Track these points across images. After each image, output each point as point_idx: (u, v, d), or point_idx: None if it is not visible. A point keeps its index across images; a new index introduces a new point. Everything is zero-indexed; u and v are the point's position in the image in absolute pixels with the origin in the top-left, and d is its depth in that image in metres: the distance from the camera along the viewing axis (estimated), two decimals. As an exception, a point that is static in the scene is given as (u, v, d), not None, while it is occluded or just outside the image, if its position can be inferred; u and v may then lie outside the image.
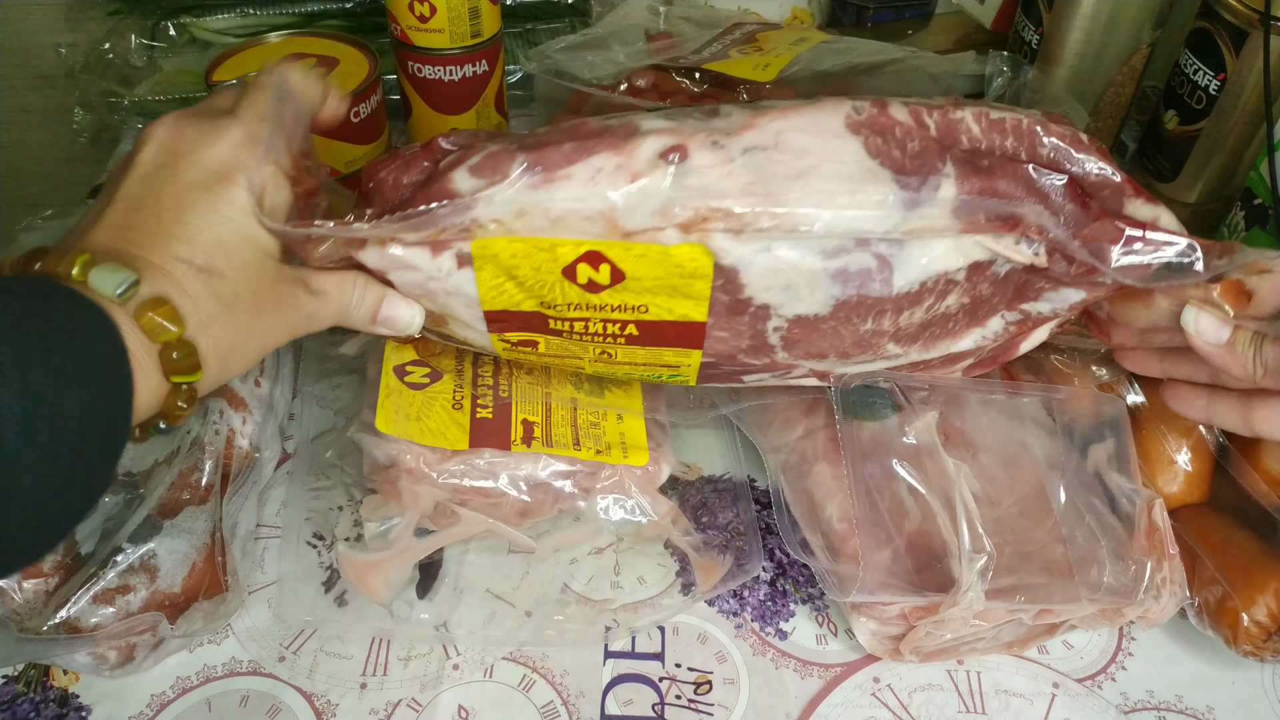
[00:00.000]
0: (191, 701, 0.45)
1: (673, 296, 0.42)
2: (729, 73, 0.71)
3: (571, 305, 0.43)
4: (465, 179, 0.39)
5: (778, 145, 0.39)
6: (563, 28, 0.84)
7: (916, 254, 0.41)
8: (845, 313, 0.43)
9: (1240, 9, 0.63)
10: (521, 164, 0.39)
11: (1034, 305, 0.45)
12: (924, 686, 0.47)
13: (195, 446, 0.48)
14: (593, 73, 0.71)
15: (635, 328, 0.44)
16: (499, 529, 0.48)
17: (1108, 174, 0.42)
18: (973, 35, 0.86)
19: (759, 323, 0.43)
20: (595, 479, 0.48)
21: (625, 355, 0.46)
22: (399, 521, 0.47)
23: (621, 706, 0.46)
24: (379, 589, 0.47)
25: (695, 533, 0.51)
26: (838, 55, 0.72)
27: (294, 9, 0.81)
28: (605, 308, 0.43)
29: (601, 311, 0.43)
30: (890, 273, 0.42)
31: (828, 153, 0.39)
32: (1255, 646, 0.45)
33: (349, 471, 0.52)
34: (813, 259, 0.41)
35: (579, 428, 0.49)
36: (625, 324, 0.44)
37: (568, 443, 0.48)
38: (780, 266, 0.41)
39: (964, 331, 0.46)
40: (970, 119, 0.41)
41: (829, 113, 0.40)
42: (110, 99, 0.76)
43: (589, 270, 0.41)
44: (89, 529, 0.46)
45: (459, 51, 0.65)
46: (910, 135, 0.40)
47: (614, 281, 0.41)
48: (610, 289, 0.42)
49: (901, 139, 0.40)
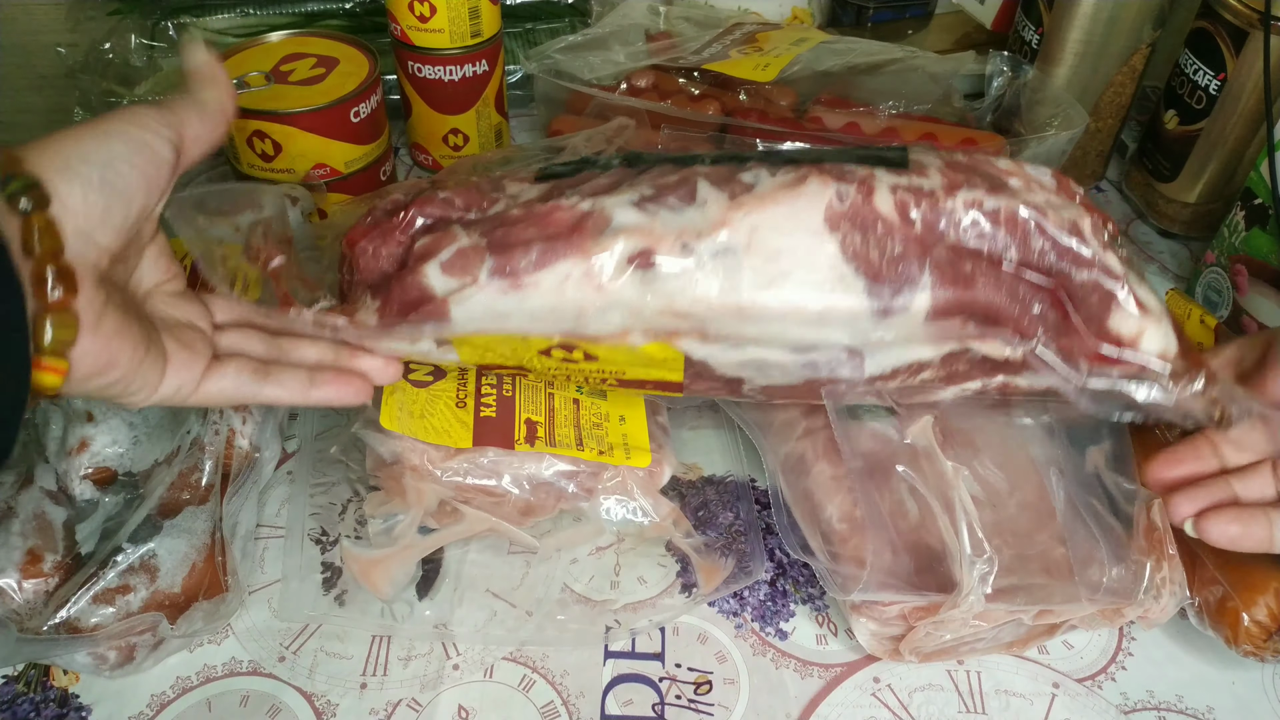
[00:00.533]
0: (191, 701, 0.45)
1: (648, 368, 0.44)
2: (729, 73, 0.71)
3: (550, 370, 0.45)
4: (438, 276, 0.40)
5: (750, 246, 0.39)
6: (563, 28, 0.84)
7: (891, 347, 0.41)
8: (819, 384, 0.44)
9: (1240, 9, 0.63)
10: (489, 268, 0.40)
11: (1012, 379, 0.44)
12: (924, 686, 0.47)
13: (195, 446, 0.48)
14: (593, 73, 0.71)
15: (615, 381, 0.46)
16: (502, 527, 0.48)
17: (1100, 279, 0.39)
18: (973, 35, 0.86)
19: (734, 386, 0.45)
20: (598, 479, 0.49)
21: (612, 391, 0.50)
22: (403, 518, 0.47)
23: (621, 706, 0.46)
24: (383, 585, 0.47)
25: (697, 534, 0.51)
26: (838, 55, 0.72)
27: (294, 9, 0.81)
28: (584, 371, 0.45)
29: (582, 372, 0.45)
30: (862, 361, 0.42)
31: (801, 256, 0.39)
32: (1256, 646, 0.45)
33: (354, 467, 0.52)
34: (782, 354, 0.42)
35: (582, 428, 0.49)
36: (605, 379, 0.45)
37: (571, 443, 0.48)
38: (750, 359, 0.42)
39: (942, 390, 0.45)
40: (960, 209, 0.39)
41: (810, 203, 0.39)
42: (110, 99, 0.76)
43: (563, 352, 0.43)
44: (89, 529, 0.46)
45: (459, 51, 0.65)
46: (892, 234, 0.39)
47: (588, 360, 0.43)
48: (585, 362, 0.44)
49: (882, 238, 0.39)
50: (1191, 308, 0.56)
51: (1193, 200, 0.72)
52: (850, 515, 0.47)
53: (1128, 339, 0.40)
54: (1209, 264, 0.64)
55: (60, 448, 0.47)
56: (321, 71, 0.63)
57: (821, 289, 0.39)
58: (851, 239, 0.39)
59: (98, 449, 0.47)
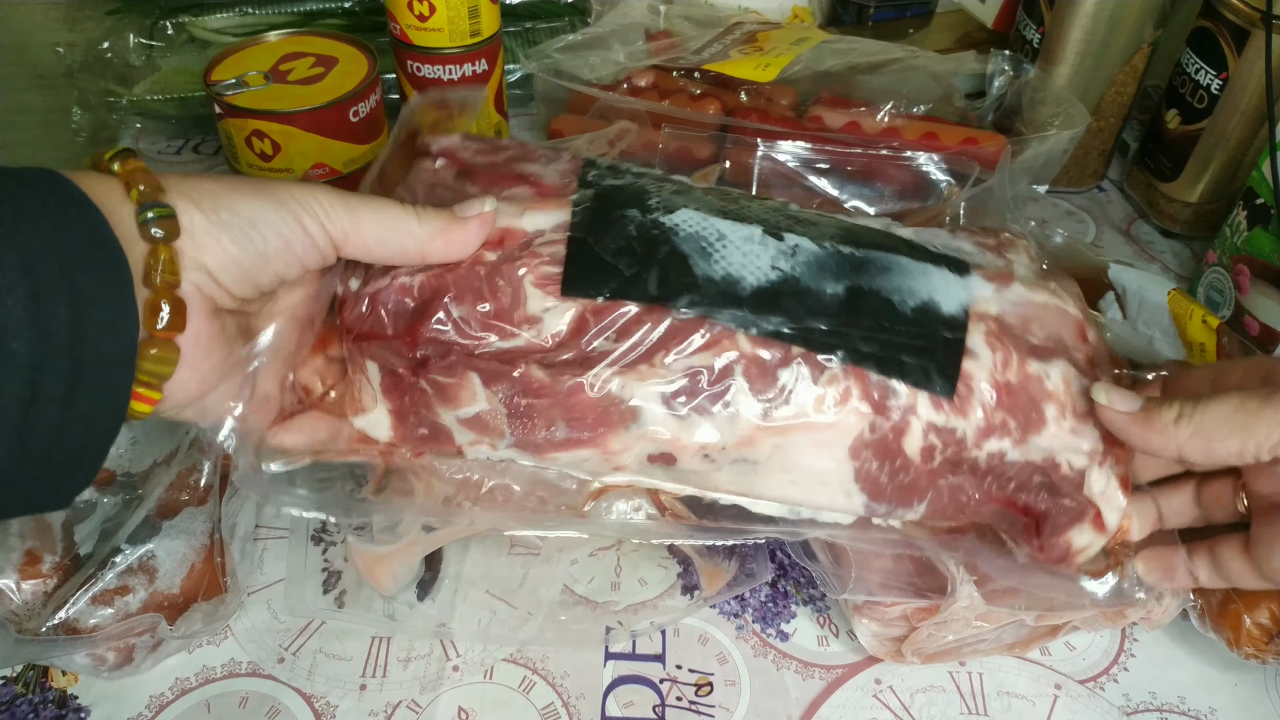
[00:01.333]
0: (190, 703, 0.45)
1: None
2: (729, 73, 0.70)
3: None
4: (457, 427, 0.39)
5: (769, 460, 0.39)
6: (562, 27, 0.84)
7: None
8: None
9: (1242, 8, 0.62)
10: (509, 441, 0.39)
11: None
12: (926, 688, 0.47)
13: (194, 447, 0.48)
14: (593, 72, 0.71)
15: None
16: (505, 526, 0.47)
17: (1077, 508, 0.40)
18: (974, 34, 0.86)
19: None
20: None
21: None
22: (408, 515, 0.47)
23: (622, 708, 0.46)
24: (386, 581, 0.47)
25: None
26: (838, 55, 0.72)
27: (293, 8, 0.81)
28: None
29: None
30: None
31: (816, 475, 0.40)
32: (1257, 649, 0.45)
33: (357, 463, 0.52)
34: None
35: None
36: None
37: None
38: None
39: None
40: (984, 459, 0.40)
41: (842, 436, 0.39)
42: (109, 98, 0.76)
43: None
44: (87, 530, 0.46)
45: (458, 51, 0.65)
46: (907, 470, 0.40)
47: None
48: None
49: (896, 471, 0.40)
50: (1193, 308, 0.56)
51: (1194, 200, 0.71)
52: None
53: (1075, 551, 0.41)
54: (1211, 264, 0.64)
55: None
56: (320, 71, 0.63)
57: (824, 497, 0.40)
58: (869, 465, 0.39)
59: (96, 449, 0.47)
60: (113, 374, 0.31)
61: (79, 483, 0.32)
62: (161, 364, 0.32)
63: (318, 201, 0.36)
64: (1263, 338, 0.59)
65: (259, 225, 0.34)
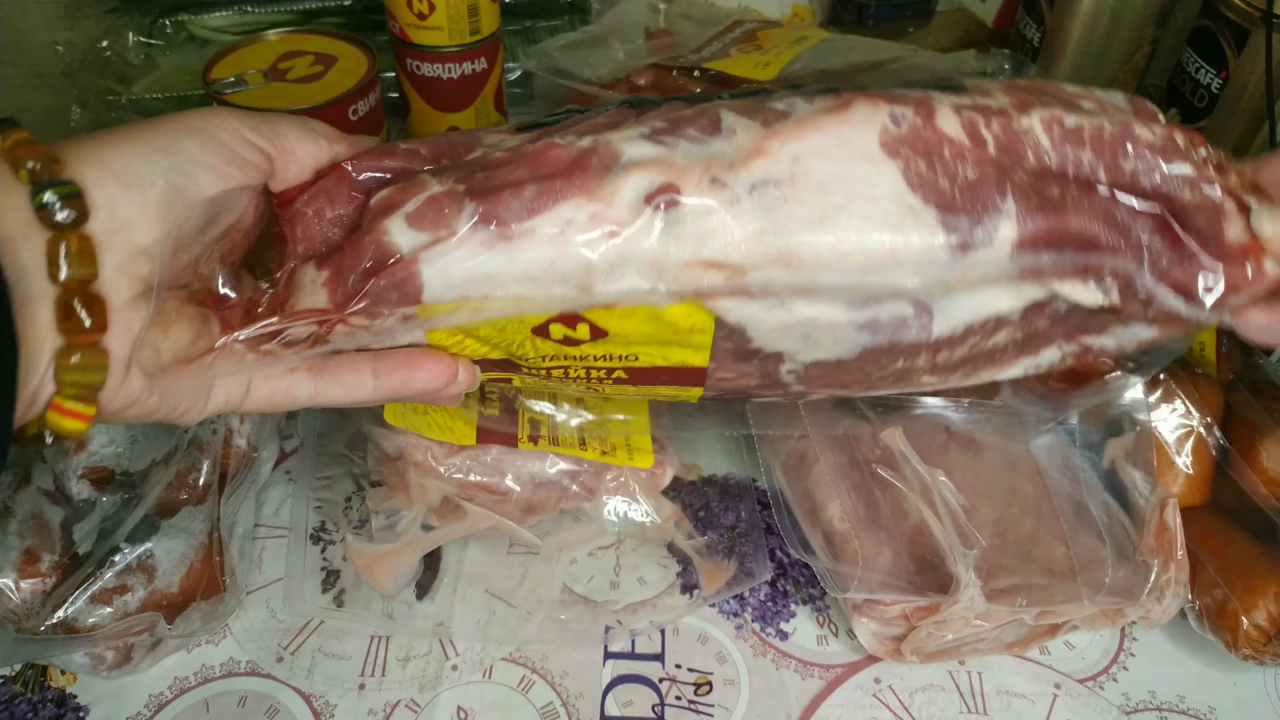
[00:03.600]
0: (189, 702, 0.45)
1: (667, 347, 0.36)
2: (729, 71, 0.70)
3: (546, 357, 0.36)
4: (402, 231, 0.32)
5: (794, 178, 0.32)
6: (562, 25, 0.84)
7: (964, 298, 0.35)
8: (874, 356, 0.37)
9: (1242, 7, 0.62)
10: (472, 216, 0.32)
11: (1097, 340, 0.38)
12: (925, 687, 0.47)
13: (192, 446, 0.48)
14: (592, 71, 0.71)
15: (624, 372, 0.38)
16: (504, 525, 0.47)
17: (1205, 192, 0.34)
18: (974, 33, 0.86)
19: (770, 366, 0.37)
20: (600, 479, 0.48)
21: (616, 392, 0.40)
22: (406, 514, 0.47)
23: (621, 707, 0.45)
24: (385, 581, 0.47)
25: (699, 536, 0.50)
26: (838, 53, 0.72)
27: (292, 6, 0.81)
28: (587, 358, 0.36)
29: (583, 361, 0.37)
30: (930, 319, 0.35)
31: (858, 186, 0.32)
32: (1255, 650, 0.45)
33: (358, 462, 0.52)
34: (837, 312, 0.34)
35: (584, 428, 0.49)
36: (612, 370, 0.38)
37: (574, 442, 0.48)
38: (797, 320, 0.34)
39: (1012, 362, 0.39)
40: (1039, 129, 0.34)
41: (860, 128, 0.33)
42: (108, 97, 0.76)
43: (564, 329, 0.35)
44: (86, 529, 0.46)
45: (458, 49, 0.65)
46: (962, 157, 0.33)
47: (595, 338, 0.35)
48: (591, 343, 0.36)
49: (951, 163, 0.33)
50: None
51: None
52: (851, 515, 0.47)
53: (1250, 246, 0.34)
54: (1211, 263, 0.63)
55: (57, 447, 0.47)
56: (320, 69, 0.63)
57: (887, 223, 0.32)
58: (915, 165, 0.32)
59: (95, 448, 0.47)
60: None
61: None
62: (86, 371, 0.28)
63: (231, 114, 0.32)
64: (1263, 337, 0.59)
65: (184, 165, 0.29)
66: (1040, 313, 0.36)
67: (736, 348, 0.36)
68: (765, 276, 0.33)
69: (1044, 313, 0.36)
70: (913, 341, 0.36)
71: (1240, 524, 0.48)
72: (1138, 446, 0.48)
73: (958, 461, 0.48)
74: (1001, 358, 0.38)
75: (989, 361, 0.38)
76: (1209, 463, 0.50)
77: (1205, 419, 0.50)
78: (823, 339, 0.35)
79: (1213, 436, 0.50)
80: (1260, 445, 0.49)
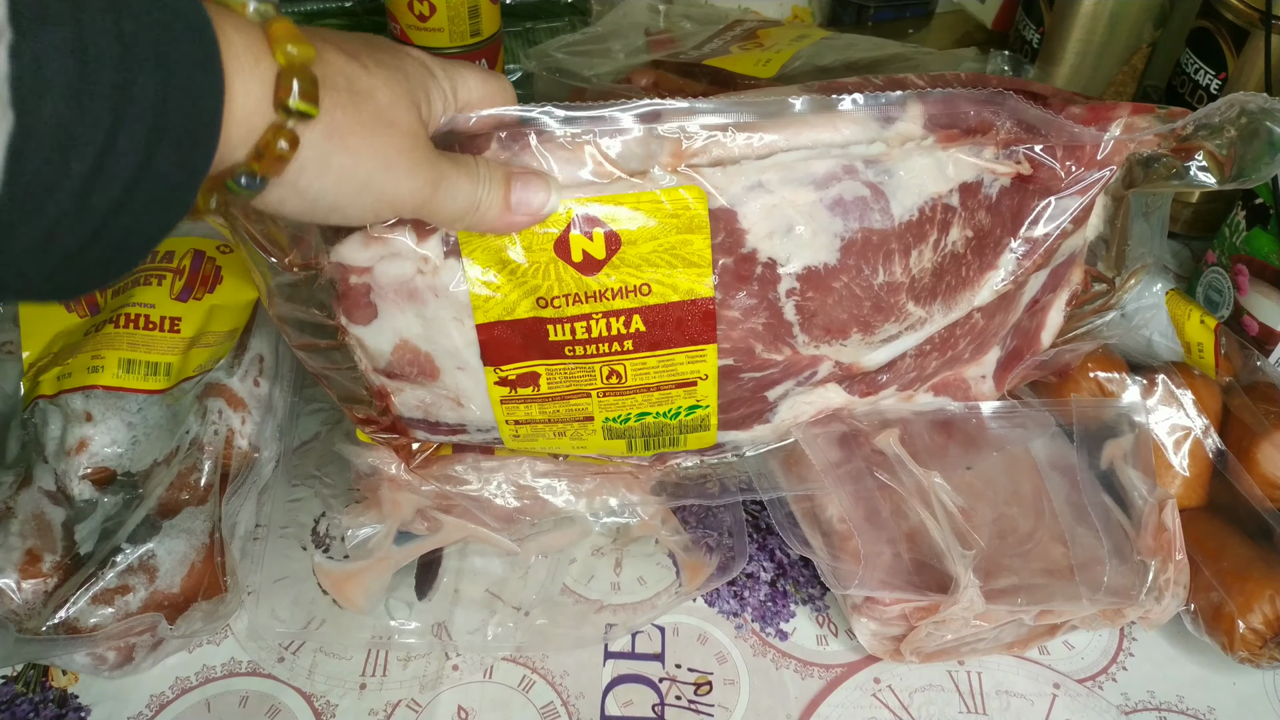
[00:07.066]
0: (191, 702, 0.45)
1: (673, 266, 0.40)
2: (730, 68, 0.70)
3: (570, 297, 0.41)
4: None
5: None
6: (562, 26, 0.84)
7: (905, 176, 0.41)
8: (854, 259, 0.42)
9: (1241, 8, 0.62)
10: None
11: (1037, 229, 0.44)
12: (925, 687, 0.47)
13: (194, 446, 0.48)
14: (593, 72, 0.71)
15: (640, 320, 0.42)
16: (480, 534, 0.48)
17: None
18: (973, 34, 0.86)
19: (769, 289, 0.42)
20: (582, 480, 0.48)
21: (636, 372, 0.43)
22: (379, 530, 0.47)
23: (621, 707, 0.46)
24: (358, 599, 0.47)
25: (683, 532, 0.50)
26: (839, 51, 0.72)
27: (292, 7, 0.81)
28: (606, 293, 0.41)
29: (602, 302, 0.41)
30: (886, 201, 0.41)
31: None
32: (1251, 653, 0.45)
33: (327, 483, 0.51)
34: (806, 191, 0.40)
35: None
36: (630, 316, 0.41)
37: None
38: (776, 202, 0.40)
39: (979, 277, 0.45)
40: (914, 78, 0.45)
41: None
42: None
43: (583, 241, 0.40)
44: (88, 529, 0.46)
45: (458, 50, 0.65)
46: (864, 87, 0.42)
47: (610, 252, 0.40)
48: (607, 265, 0.40)
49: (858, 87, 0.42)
50: (1191, 308, 0.56)
51: (1194, 200, 0.71)
52: (851, 516, 0.47)
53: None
54: (1210, 264, 0.64)
55: (59, 448, 0.47)
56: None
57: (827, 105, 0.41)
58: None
59: (96, 449, 0.47)
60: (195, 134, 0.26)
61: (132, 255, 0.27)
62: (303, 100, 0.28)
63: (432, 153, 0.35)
64: (1261, 338, 0.59)
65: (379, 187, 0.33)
66: (975, 197, 0.43)
67: (734, 258, 0.41)
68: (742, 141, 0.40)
69: (978, 199, 0.43)
70: (881, 229, 0.42)
71: (1236, 526, 0.48)
72: (1136, 448, 0.48)
73: (956, 462, 0.48)
74: (968, 273, 0.44)
75: (958, 279, 0.44)
76: (1206, 465, 0.50)
77: (1203, 422, 0.50)
78: (803, 230, 0.41)
79: (1210, 439, 0.50)
80: (1257, 448, 0.49)
